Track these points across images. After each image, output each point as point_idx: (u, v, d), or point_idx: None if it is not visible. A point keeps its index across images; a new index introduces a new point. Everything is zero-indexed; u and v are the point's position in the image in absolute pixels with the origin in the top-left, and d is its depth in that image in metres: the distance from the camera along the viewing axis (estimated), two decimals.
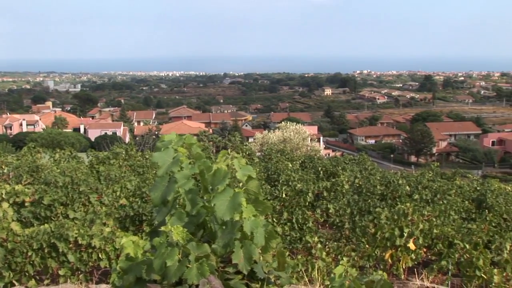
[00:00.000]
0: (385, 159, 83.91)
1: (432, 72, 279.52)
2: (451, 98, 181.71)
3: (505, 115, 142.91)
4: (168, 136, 2.57)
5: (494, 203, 12.04)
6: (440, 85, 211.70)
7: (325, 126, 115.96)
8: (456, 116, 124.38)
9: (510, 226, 11.31)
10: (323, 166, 18.16)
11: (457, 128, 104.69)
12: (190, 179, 2.43)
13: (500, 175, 62.45)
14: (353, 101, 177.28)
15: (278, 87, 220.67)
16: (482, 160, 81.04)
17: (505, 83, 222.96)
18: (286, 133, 48.92)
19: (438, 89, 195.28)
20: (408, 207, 7.95)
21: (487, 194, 12.55)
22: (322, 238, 9.96)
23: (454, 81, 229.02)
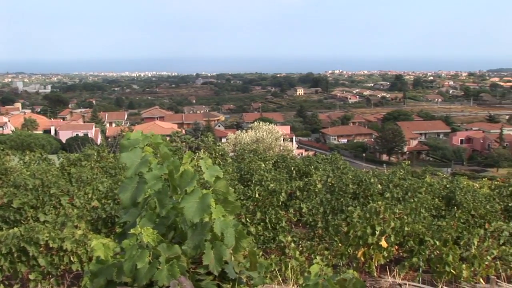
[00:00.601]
0: (357, 158, 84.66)
1: (403, 71, 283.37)
2: (421, 97, 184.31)
3: (472, 114, 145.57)
4: (134, 135, 2.53)
5: (463, 200, 12.25)
6: (411, 84, 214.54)
7: (298, 126, 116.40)
8: (426, 115, 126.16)
9: (478, 222, 11.52)
10: (296, 166, 18.23)
11: (427, 127, 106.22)
12: (159, 180, 2.41)
13: (469, 172, 63.66)
14: (325, 101, 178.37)
15: (250, 87, 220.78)
16: (451, 158, 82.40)
17: (472, 83, 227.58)
18: (259, 133, 48.98)
19: (409, 89, 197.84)
20: (380, 206, 8.03)
21: (456, 191, 12.76)
22: (295, 238, 10.00)
23: (424, 81, 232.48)
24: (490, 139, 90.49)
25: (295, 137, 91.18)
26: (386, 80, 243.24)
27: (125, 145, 2.52)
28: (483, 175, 53.80)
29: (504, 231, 9.24)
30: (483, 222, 11.48)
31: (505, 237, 9.20)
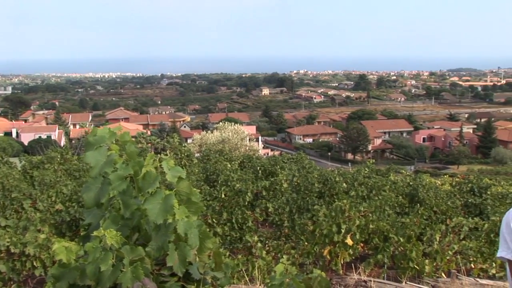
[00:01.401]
0: (323, 157, 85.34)
1: (366, 71, 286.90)
2: (385, 96, 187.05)
3: (434, 113, 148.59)
4: (100, 131, 2.49)
5: (425, 197, 12.49)
6: (374, 84, 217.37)
7: (263, 125, 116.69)
8: (389, 114, 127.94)
9: (440, 218, 11.77)
10: (262, 166, 18.26)
11: (390, 126, 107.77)
12: (124, 180, 2.38)
13: (431, 170, 64.91)
14: (290, 101, 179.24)
15: (216, 87, 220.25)
16: (414, 156, 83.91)
17: (434, 82, 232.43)
18: (225, 134, 48.96)
19: (372, 88, 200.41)
20: (345, 204, 8.11)
21: (419, 188, 12.99)
22: (262, 237, 10.03)
23: (387, 80, 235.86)
24: (451, 137, 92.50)
25: (261, 137, 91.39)
26: (350, 79, 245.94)
27: (91, 143, 2.47)
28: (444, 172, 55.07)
29: (464, 226, 9.48)
30: (444, 218, 11.73)
31: (465, 232, 9.44)
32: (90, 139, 2.48)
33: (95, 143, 2.45)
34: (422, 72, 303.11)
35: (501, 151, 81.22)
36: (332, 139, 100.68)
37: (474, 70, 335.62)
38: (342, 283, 6.42)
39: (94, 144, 2.45)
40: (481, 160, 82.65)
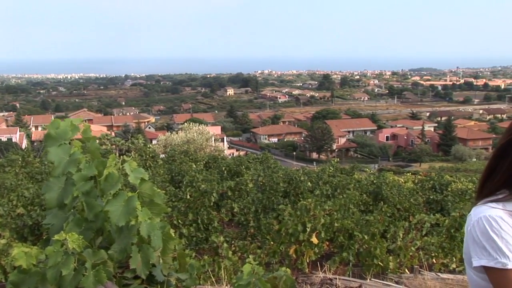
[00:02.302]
0: (288, 156, 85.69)
1: (330, 71, 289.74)
2: (348, 96, 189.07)
3: (396, 112, 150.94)
4: (63, 124, 2.41)
5: (389, 194, 12.70)
6: (338, 83, 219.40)
7: (229, 126, 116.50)
8: (353, 113, 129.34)
9: (403, 215, 11.99)
10: (227, 166, 18.26)
11: (354, 125, 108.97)
12: (88, 181, 2.33)
13: (394, 168, 65.90)
14: (255, 101, 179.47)
15: (180, 88, 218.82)
16: (378, 155, 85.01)
17: (396, 82, 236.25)
18: (190, 134, 48.77)
19: (336, 88, 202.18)
20: (310, 203, 8.16)
21: (382, 186, 13.19)
22: (228, 238, 10.02)
23: (351, 80, 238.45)
24: (413, 136, 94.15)
25: (226, 137, 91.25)
26: (314, 79, 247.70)
27: (52, 136, 2.39)
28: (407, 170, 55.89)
29: (426, 223, 9.66)
30: (407, 215, 11.97)
31: (427, 228, 9.63)
32: (51, 132, 2.39)
33: (57, 137, 2.38)
34: (384, 71, 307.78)
35: (461, 149, 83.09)
36: (297, 138, 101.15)
37: (435, 70, 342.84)
38: (308, 282, 6.45)
39: (56, 139, 2.37)
40: (442, 158, 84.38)
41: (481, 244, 1.72)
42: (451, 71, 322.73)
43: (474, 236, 1.74)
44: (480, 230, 1.73)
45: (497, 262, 1.67)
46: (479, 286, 1.82)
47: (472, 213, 1.81)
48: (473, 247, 1.75)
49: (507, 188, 1.81)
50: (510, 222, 1.72)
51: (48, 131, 2.40)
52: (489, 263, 1.69)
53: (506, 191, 1.81)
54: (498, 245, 1.68)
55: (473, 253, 1.75)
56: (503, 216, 1.72)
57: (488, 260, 1.69)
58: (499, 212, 1.74)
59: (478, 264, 1.73)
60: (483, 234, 1.71)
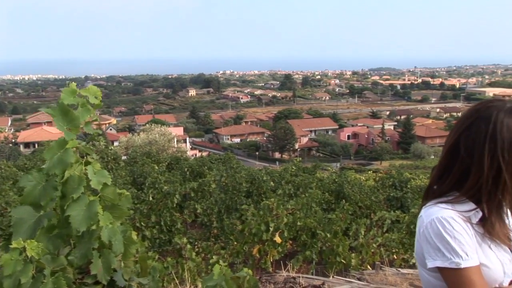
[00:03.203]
0: (251, 156, 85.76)
1: (292, 71, 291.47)
2: (310, 95, 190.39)
3: (357, 111, 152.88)
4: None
5: (350, 193, 12.86)
6: (299, 83, 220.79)
7: (191, 126, 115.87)
8: (315, 113, 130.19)
9: (365, 213, 12.16)
10: (190, 167, 18.19)
11: (316, 124, 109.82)
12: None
13: (356, 166, 66.81)
14: (217, 101, 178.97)
15: (142, 89, 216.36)
16: (339, 153, 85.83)
17: (356, 81, 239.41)
18: (152, 135, 48.29)
19: (298, 88, 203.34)
20: (273, 202, 8.19)
21: (344, 185, 13.35)
22: (191, 239, 9.97)
23: (312, 80, 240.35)
24: (374, 134, 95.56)
25: (189, 138, 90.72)
26: (276, 79, 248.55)
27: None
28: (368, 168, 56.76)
29: (386, 220, 9.85)
30: (369, 213, 12.15)
31: (387, 225, 9.81)
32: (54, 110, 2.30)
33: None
34: (345, 71, 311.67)
35: (419, 147, 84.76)
36: (259, 138, 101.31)
37: (393, 70, 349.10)
38: (271, 281, 6.48)
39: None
40: (402, 156, 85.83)
41: (435, 246, 1.75)
42: (409, 70, 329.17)
43: (428, 238, 1.78)
44: (433, 232, 1.76)
45: (451, 262, 1.72)
46: (431, 286, 1.86)
47: (423, 214, 1.84)
48: (426, 248, 1.79)
49: (456, 189, 1.85)
50: (461, 223, 1.76)
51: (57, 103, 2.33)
52: (444, 263, 1.73)
53: (456, 193, 1.84)
54: (451, 245, 1.72)
55: (427, 254, 1.78)
56: (454, 217, 1.76)
57: (443, 261, 1.73)
58: (451, 213, 1.77)
59: (433, 265, 1.76)
60: (437, 236, 1.75)
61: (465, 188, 1.85)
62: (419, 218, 1.87)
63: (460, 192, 1.84)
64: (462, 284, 1.72)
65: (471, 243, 1.75)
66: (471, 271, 1.72)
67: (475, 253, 1.75)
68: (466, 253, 1.73)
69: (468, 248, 1.74)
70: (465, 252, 1.73)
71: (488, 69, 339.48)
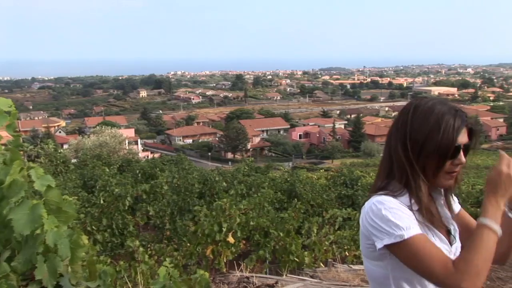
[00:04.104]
0: (203, 157, 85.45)
1: (243, 71, 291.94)
2: (261, 95, 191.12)
3: (308, 110, 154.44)
4: None
5: (302, 191, 12.98)
6: (251, 83, 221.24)
7: (142, 128, 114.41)
8: (266, 113, 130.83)
9: (317, 211, 12.30)
10: (141, 169, 17.96)
11: (268, 124, 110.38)
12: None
13: (308, 165, 67.52)
14: (169, 102, 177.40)
15: (91, 90, 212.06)
16: (292, 153, 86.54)
17: (307, 81, 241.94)
18: (102, 138, 47.48)
19: (249, 88, 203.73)
20: (226, 203, 8.19)
21: (296, 184, 13.46)
22: (144, 241, 9.86)
23: (263, 80, 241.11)
24: (325, 133, 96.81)
25: (140, 140, 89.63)
26: (227, 80, 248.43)
27: None
28: (320, 167, 57.46)
29: (338, 217, 9.99)
30: (321, 211, 12.29)
31: (339, 223, 9.96)
32: None
33: None
34: (296, 71, 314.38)
35: (369, 145, 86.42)
36: (212, 139, 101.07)
37: (343, 69, 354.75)
38: (225, 281, 6.48)
39: None
40: (353, 154, 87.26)
41: (378, 226, 1.78)
42: (358, 70, 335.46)
43: (370, 222, 1.81)
44: (374, 214, 1.80)
45: (396, 237, 1.74)
46: (375, 276, 1.90)
47: (366, 205, 1.89)
48: (372, 232, 1.81)
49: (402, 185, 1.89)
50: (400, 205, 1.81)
51: None
52: (390, 240, 1.76)
53: (401, 187, 1.88)
54: (392, 221, 1.75)
55: (374, 237, 1.81)
56: (392, 199, 1.82)
57: (389, 238, 1.76)
58: (390, 198, 1.82)
59: (381, 244, 1.79)
60: (377, 216, 1.79)
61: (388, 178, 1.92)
62: (362, 210, 1.92)
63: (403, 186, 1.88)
64: (413, 254, 1.75)
65: (411, 217, 1.79)
66: (417, 239, 1.75)
67: (416, 225, 1.79)
68: (408, 225, 1.76)
69: (408, 221, 1.77)
70: (405, 224, 1.76)
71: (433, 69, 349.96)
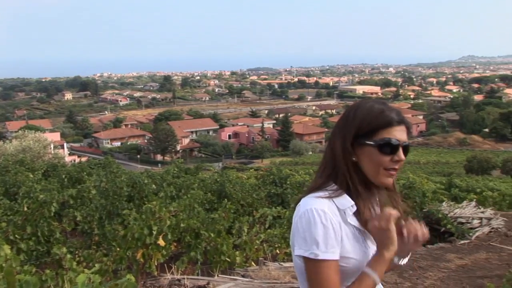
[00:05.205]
0: (132, 160, 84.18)
1: (171, 72, 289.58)
2: (190, 96, 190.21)
3: (237, 110, 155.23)
4: None
5: (232, 191, 13.04)
6: (179, 84, 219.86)
7: (68, 131, 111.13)
8: (195, 114, 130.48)
9: (247, 211, 12.41)
10: (68, 173, 17.46)
11: (197, 125, 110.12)
12: None
13: (238, 165, 67.95)
14: (95, 105, 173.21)
15: (12, 93, 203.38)
16: (221, 153, 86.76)
17: (235, 81, 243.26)
18: (25, 142, 45.63)
19: (177, 89, 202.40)
20: (155, 205, 8.13)
21: (225, 184, 13.51)
22: (71, 248, 9.61)
23: (191, 81, 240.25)
24: (254, 133, 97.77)
25: (66, 144, 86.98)
26: (155, 81, 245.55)
27: None
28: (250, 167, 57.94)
29: (268, 216, 10.13)
30: (251, 210, 12.40)
31: (269, 221, 10.10)
32: None
33: None
34: (224, 72, 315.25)
35: (298, 143, 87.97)
36: (140, 141, 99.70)
37: (271, 69, 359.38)
38: (156, 285, 6.48)
39: None
40: (282, 153, 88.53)
41: (302, 235, 1.86)
42: (285, 70, 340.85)
43: (299, 227, 1.88)
44: (303, 222, 1.87)
45: (310, 253, 1.83)
46: (302, 270, 1.99)
47: (301, 204, 1.94)
48: (296, 236, 1.90)
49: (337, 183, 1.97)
50: (331, 216, 1.87)
51: None
52: (305, 253, 1.85)
53: (335, 186, 1.96)
54: (314, 237, 1.83)
55: (296, 242, 1.89)
56: (326, 209, 1.87)
57: (304, 250, 1.85)
58: (324, 206, 1.88)
59: (297, 253, 1.88)
60: (305, 226, 1.86)
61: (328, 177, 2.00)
62: (297, 207, 1.96)
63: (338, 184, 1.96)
64: (315, 274, 1.85)
65: (334, 238, 1.86)
66: (327, 264, 1.83)
67: (337, 248, 1.86)
68: (326, 246, 1.83)
69: (330, 242, 1.84)
70: (325, 244, 1.83)
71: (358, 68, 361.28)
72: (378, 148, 1.90)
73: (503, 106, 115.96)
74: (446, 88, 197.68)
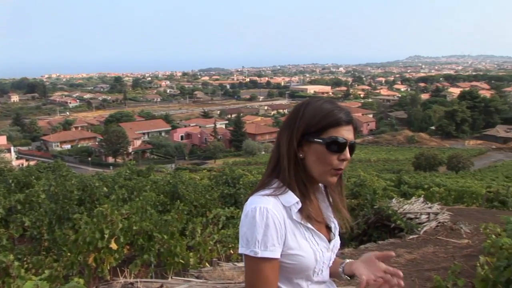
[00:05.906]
0: (83, 163, 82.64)
1: (121, 73, 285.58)
2: (141, 97, 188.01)
3: (189, 111, 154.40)
4: None
5: (185, 192, 13.00)
6: (130, 85, 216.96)
7: (15, 135, 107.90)
8: (147, 115, 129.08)
9: (200, 212, 12.39)
10: (15, 178, 17.01)
11: (149, 126, 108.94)
12: None
13: (191, 166, 67.59)
14: (44, 107, 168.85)
15: None
16: (174, 154, 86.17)
17: (187, 82, 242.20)
18: None
19: (128, 90, 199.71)
20: (107, 208, 8.03)
21: (178, 185, 13.46)
22: (20, 255, 9.37)
23: (143, 82, 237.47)
24: (206, 133, 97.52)
25: (14, 147, 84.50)
26: (105, 82, 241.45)
27: None
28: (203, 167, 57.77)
29: (221, 217, 10.15)
30: (204, 211, 12.39)
31: (223, 222, 10.12)
32: None
33: None
34: (175, 72, 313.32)
35: (251, 143, 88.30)
36: (91, 143, 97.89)
37: (222, 70, 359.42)
38: None
39: None
40: (235, 153, 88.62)
41: (245, 233, 1.88)
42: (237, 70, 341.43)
43: (243, 225, 1.89)
44: (248, 220, 1.88)
45: (250, 251, 1.85)
46: None
47: (248, 202, 1.95)
48: (240, 235, 1.91)
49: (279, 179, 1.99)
50: (275, 215, 1.88)
51: None
52: (246, 250, 1.86)
53: (284, 185, 1.97)
54: (255, 235, 1.84)
55: (240, 240, 1.91)
56: (270, 208, 1.88)
57: (245, 248, 1.86)
58: (269, 204, 1.89)
59: (240, 251, 1.90)
60: (248, 224, 1.87)
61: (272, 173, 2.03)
62: (244, 205, 1.97)
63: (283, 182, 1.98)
64: (253, 272, 1.87)
65: (276, 236, 1.87)
66: (266, 263, 1.85)
67: (278, 247, 1.88)
68: (267, 244, 1.85)
69: (271, 241, 1.86)
70: (266, 243, 1.85)
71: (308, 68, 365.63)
72: (326, 145, 1.93)
73: (447, 104, 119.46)
74: (394, 87, 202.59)
